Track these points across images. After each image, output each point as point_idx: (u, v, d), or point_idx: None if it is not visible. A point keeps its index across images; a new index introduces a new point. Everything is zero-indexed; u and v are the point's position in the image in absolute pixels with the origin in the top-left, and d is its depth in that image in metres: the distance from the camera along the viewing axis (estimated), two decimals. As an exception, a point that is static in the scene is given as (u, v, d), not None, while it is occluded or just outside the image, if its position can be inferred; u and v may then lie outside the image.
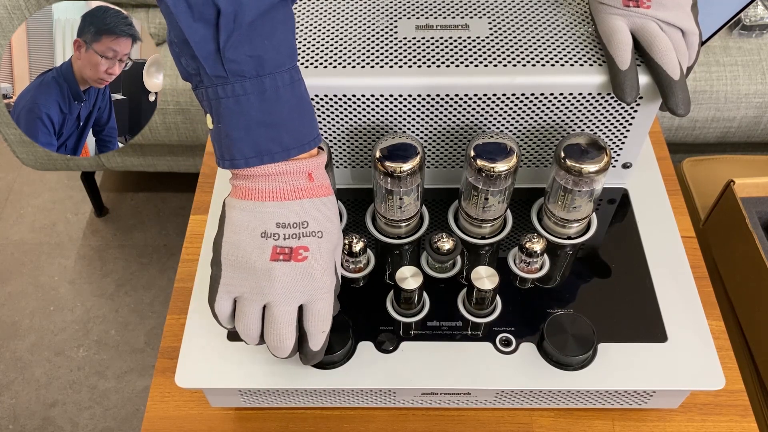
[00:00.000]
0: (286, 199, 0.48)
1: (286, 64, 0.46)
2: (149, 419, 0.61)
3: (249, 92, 0.45)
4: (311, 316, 0.49)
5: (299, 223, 0.48)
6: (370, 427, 0.60)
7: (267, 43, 0.45)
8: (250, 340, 0.50)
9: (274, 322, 0.48)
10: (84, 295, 1.53)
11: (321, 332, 0.50)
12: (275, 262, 0.47)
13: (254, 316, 0.49)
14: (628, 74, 0.54)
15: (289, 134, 0.47)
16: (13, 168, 1.77)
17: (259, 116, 0.46)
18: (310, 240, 0.48)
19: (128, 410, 1.35)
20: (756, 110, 1.27)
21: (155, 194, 1.72)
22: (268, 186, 0.47)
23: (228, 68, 0.44)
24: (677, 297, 0.59)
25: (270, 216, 0.47)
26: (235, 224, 0.48)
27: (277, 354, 0.50)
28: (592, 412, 0.61)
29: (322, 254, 0.49)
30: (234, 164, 0.47)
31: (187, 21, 0.43)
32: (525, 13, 0.61)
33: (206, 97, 0.46)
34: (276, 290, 0.48)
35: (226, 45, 0.44)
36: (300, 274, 0.48)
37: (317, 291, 0.49)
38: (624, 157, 0.65)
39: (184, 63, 0.47)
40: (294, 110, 0.47)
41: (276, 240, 0.48)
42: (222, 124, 0.46)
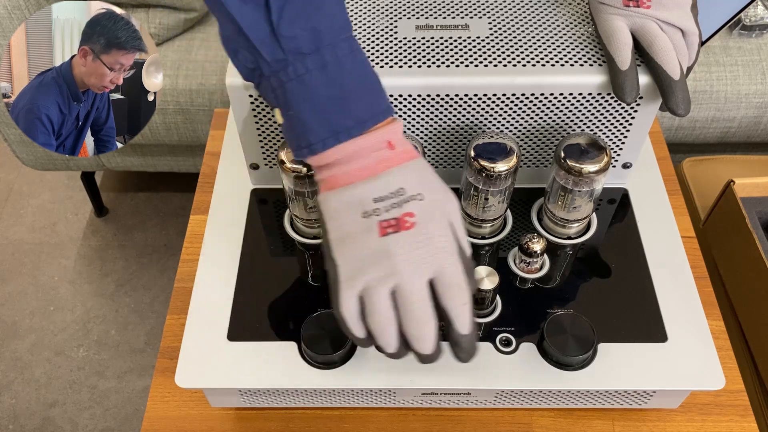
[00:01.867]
0: (374, 174, 0.45)
1: (342, 33, 0.45)
2: (149, 419, 0.61)
3: (311, 68, 0.44)
4: (445, 287, 0.45)
5: (395, 192, 0.45)
6: (370, 427, 0.60)
7: (319, 13, 0.44)
8: (388, 339, 0.45)
9: (407, 303, 0.44)
10: (84, 295, 1.53)
11: (461, 305, 0.45)
12: (386, 237, 0.44)
13: (385, 304, 0.45)
14: (628, 74, 0.54)
15: (360, 105, 0.45)
16: (13, 168, 1.77)
17: (325, 92, 0.44)
18: (412, 204, 0.45)
19: (128, 410, 1.35)
20: (756, 110, 1.27)
21: (155, 194, 1.72)
22: (352, 167, 0.46)
23: (285, 47, 0.43)
24: (677, 297, 0.59)
25: (364, 194, 0.45)
26: (334, 215, 0.46)
27: (420, 348, 0.45)
28: (592, 412, 0.61)
29: (431, 215, 0.45)
30: (312, 149, 0.45)
31: (236, 5, 0.43)
32: (525, 13, 0.61)
33: (270, 89, 0.45)
34: (398, 264, 0.44)
35: (279, 21, 0.43)
36: (416, 241, 0.44)
37: (440, 255, 0.45)
38: (624, 157, 0.65)
39: (241, 58, 0.46)
40: (360, 79, 0.45)
41: (378, 215, 0.45)
42: (292, 111, 0.45)
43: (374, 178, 0.45)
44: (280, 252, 0.63)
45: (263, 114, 0.60)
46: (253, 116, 0.60)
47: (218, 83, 1.25)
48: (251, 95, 0.58)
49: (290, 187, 0.59)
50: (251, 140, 0.63)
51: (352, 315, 0.46)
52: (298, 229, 0.64)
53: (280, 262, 0.62)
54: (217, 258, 0.62)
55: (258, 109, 0.59)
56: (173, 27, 1.25)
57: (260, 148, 0.63)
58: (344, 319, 0.46)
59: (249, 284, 0.60)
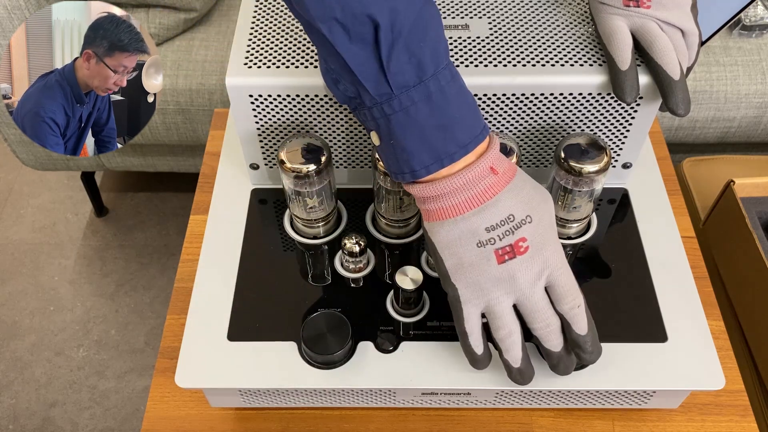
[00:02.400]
0: (483, 202, 0.47)
1: (443, 60, 0.45)
2: (149, 419, 0.61)
3: (416, 101, 0.44)
4: (560, 295, 0.48)
5: (505, 219, 0.47)
6: (370, 427, 0.60)
7: (423, 45, 0.44)
8: (516, 351, 0.49)
9: (531, 309, 0.48)
10: (84, 295, 1.53)
11: (577, 307, 0.49)
12: (504, 264, 0.47)
13: (511, 316, 0.48)
14: (628, 74, 0.54)
15: (462, 130, 0.46)
16: (13, 168, 1.77)
17: (430, 122, 0.45)
18: (523, 230, 0.47)
19: (128, 410, 1.35)
20: (756, 110, 1.27)
21: (155, 194, 1.72)
22: (461, 198, 0.47)
23: (392, 82, 0.44)
24: (677, 297, 0.59)
25: (476, 225, 0.47)
26: (449, 245, 0.48)
27: (550, 346, 0.49)
28: (592, 412, 0.61)
29: (542, 235, 0.48)
30: (415, 175, 0.47)
31: (344, 45, 0.43)
32: (525, 13, 0.61)
33: (371, 117, 0.46)
34: (520, 286, 0.47)
35: (389, 59, 0.43)
36: (532, 261, 0.47)
37: (552, 264, 0.48)
38: (624, 157, 0.65)
39: (342, 89, 0.46)
40: (461, 105, 0.46)
41: (493, 244, 0.47)
42: (394, 140, 0.46)
43: (484, 208, 0.47)
44: (280, 252, 0.63)
45: (263, 114, 0.60)
46: (253, 116, 0.60)
47: (218, 83, 1.25)
48: (251, 95, 0.58)
49: (290, 187, 0.59)
50: (251, 140, 0.63)
51: (475, 331, 0.49)
52: (298, 229, 0.64)
53: (280, 262, 0.62)
54: (217, 258, 0.62)
55: (258, 109, 0.59)
56: (173, 27, 1.25)
57: (260, 148, 0.63)
58: (467, 334, 0.49)
59: (249, 284, 0.60)
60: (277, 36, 0.59)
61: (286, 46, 0.58)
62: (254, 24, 0.60)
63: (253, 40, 0.59)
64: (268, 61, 0.57)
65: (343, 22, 0.42)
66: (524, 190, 0.48)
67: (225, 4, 1.34)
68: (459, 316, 0.49)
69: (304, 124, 0.61)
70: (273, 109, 0.59)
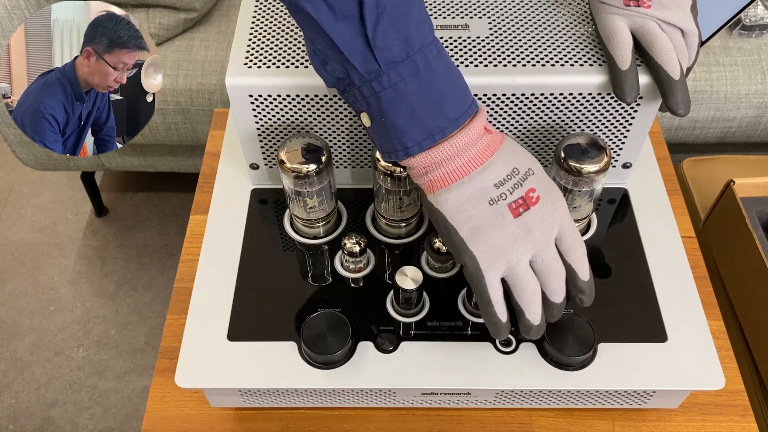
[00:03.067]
0: (485, 160, 0.47)
1: (428, 36, 0.46)
2: (149, 419, 0.61)
3: (405, 76, 0.44)
4: (568, 245, 0.49)
5: (511, 173, 0.47)
6: (370, 427, 0.60)
7: (408, 20, 0.44)
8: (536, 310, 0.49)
9: (548, 267, 0.48)
10: (84, 295, 1.53)
11: (581, 257, 0.49)
12: (520, 216, 0.47)
13: (531, 275, 0.48)
14: (628, 74, 0.54)
15: (451, 104, 0.46)
16: (13, 168, 1.77)
17: (420, 97, 0.45)
18: (530, 180, 0.48)
19: (128, 410, 1.35)
20: (756, 110, 1.27)
21: (155, 194, 1.72)
22: (463, 159, 0.47)
23: (380, 58, 0.44)
24: (677, 297, 0.59)
25: (485, 182, 0.47)
26: (459, 210, 0.47)
27: (556, 298, 0.49)
28: (592, 412, 0.61)
29: (545, 184, 0.48)
30: (408, 152, 0.47)
31: (330, 23, 0.43)
32: (525, 13, 0.61)
33: (360, 97, 0.46)
34: (536, 238, 0.47)
35: (375, 34, 0.43)
36: (545, 211, 0.47)
37: (563, 219, 0.48)
38: (624, 157, 0.65)
39: (330, 70, 0.46)
40: (448, 79, 0.46)
41: (505, 199, 0.47)
42: (385, 118, 0.46)
43: (488, 165, 0.47)
44: (280, 252, 0.63)
45: (263, 114, 0.60)
46: (253, 116, 0.60)
47: (218, 83, 1.25)
48: (251, 95, 0.58)
49: (290, 187, 0.59)
50: (251, 140, 0.63)
51: (498, 299, 0.48)
52: (298, 229, 0.64)
53: (280, 262, 0.62)
54: (217, 258, 0.62)
55: (258, 109, 0.59)
56: (173, 27, 1.25)
57: (260, 148, 0.63)
58: (492, 303, 0.48)
59: (249, 284, 0.60)
60: (277, 36, 0.59)
61: (286, 46, 0.58)
62: (254, 24, 0.60)
63: (253, 40, 0.59)
64: (268, 61, 0.57)
65: (327, 0, 0.42)
66: (517, 147, 0.49)
67: (225, 4, 1.34)
68: (481, 284, 0.48)
69: (304, 124, 0.61)
70: (273, 109, 0.59)
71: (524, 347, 0.56)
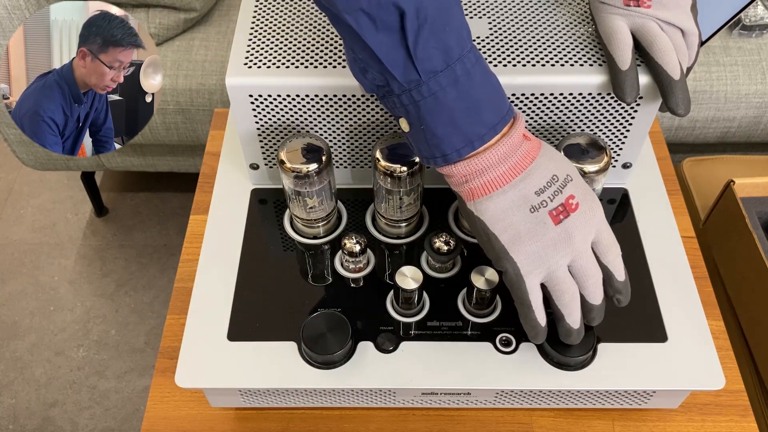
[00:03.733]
0: (525, 168, 0.47)
1: (467, 44, 0.46)
2: (149, 419, 0.61)
3: (444, 85, 0.45)
4: (604, 247, 0.50)
5: (550, 180, 0.48)
6: (370, 427, 0.60)
7: (448, 29, 0.44)
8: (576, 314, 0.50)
9: (586, 270, 0.49)
10: (84, 295, 1.53)
11: (617, 257, 0.50)
12: (561, 223, 0.48)
13: (570, 280, 0.49)
14: (628, 74, 0.54)
15: (490, 111, 0.46)
16: (13, 168, 1.77)
17: (459, 105, 0.45)
18: (569, 187, 0.48)
19: (128, 410, 1.35)
20: (756, 110, 1.27)
21: (155, 194, 1.72)
22: (504, 167, 0.47)
23: (420, 68, 0.44)
24: (677, 297, 0.59)
25: (525, 190, 0.47)
26: (500, 218, 0.48)
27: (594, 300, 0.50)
28: (592, 412, 0.61)
29: (583, 190, 0.49)
30: (447, 159, 0.47)
31: (371, 34, 0.43)
32: (525, 13, 0.61)
33: (400, 104, 0.46)
34: (576, 244, 0.48)
35: (416, 45, 0.43)
36: (584, 217, 0.48)
37: (600, 223, 0.49)
38: (624, 157, 0.65)
39: (370, 78, 0.46)
40: (487, 86, 0.47)
41: (546, 206, 0.48)
42: (424, 126, 0.46)
43: (528, 173, 0.47)
44: (280, 252, 0.63)
45: (263, 114, 0.60)
46: (253, 116, 0.60)
47: (218, 83, 1.25)
48: (251, 95, 0.58)
49: (290, 187, 0.59)
50: (251, 140, 0.63)
51: (538, 303, 0.49)
52: (298, 229, 0.64)
53: (280, 262, 0.62)
54: (217, 258, 0.62)
55: (258, 109, 0.59)
56: (173, 27, 1.25)
57: (260, 148, 0.63)
58: (533, 308, 0.49)
59: (249, 284, 0.60)
60: (277, 36, 0.59)
61: (286, 46, 0.58)
62: (254, 24, 0.60)
63: (253, 40, 0.59)
64: (268, 61, 0.57)
65: (369, 12, 0.42)
66: (555, 152, 0.50)
67: (225, 4, 1.34)
68: (522, 290, 0.49)
69: (304, 124, 0.61)
70: (273, 109, 0.59)
71: (524, 347, 0.56)
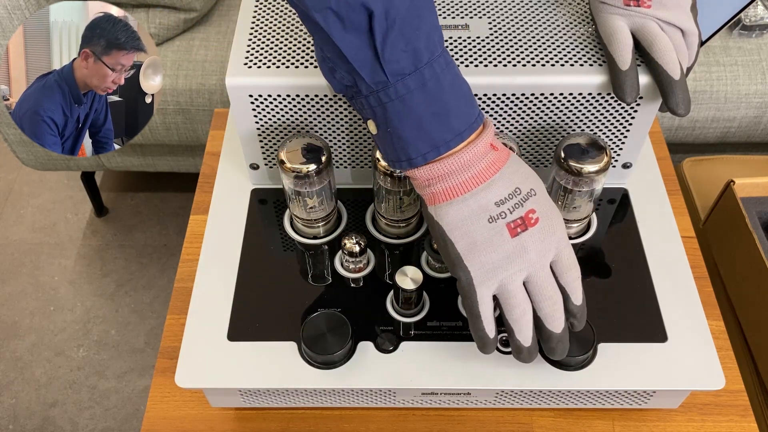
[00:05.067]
0: (489, 178, 0.47)
1: (438, 48, 0.46)
2: (149, 419, 0.61)
3: (412, 89, 0.45)
4: (563, 268, 0.49)
5: (512, 192, 0.48)
6: (370, 427, 0.60)
7: (418, 32, 0.44)
8: (527, 331, 0.49)
9: (540, 287, 0.48)
10: (84, 295, 1.53)
11: (575, 279, 0.49)
12: (518, 236, 0.47)
13: (523, 295, 0.48)
14: (628, 74, 0.54)
15: (457, 118, 0.46)
16: (13, 168, 1.77)
17: (426, 110, 0.45)
18: (530, 202, 0.48)
19: (128, 410, 1.35)
20: (756, 110, 1.27)
21: (155, 194, 1.72)
22: (467, 175, 0.47)
23: (388, 70, 0.44)
24: (677, 297, 0.59)
25: (486, 200, 0.47)
26: (458, 225, 0.48)
27: (553, 327, 0.49)
28: (592, 412, 0.61)
29: (546, 206, 0.49)
30: (412, 163, 0.47)
31: (339, 33, 0.43)
32: (525, 13, 0.61)
33: (367, 105, 0.46)
34: (532, 258, 0.47)
35: (384, 47, 0.43)
36: (542, 233, 0.48)
37: (560, 242, 0.49)
38: (624, 157, 0.65)
39: (338, 77, 0.46)
40: (456, 92, 0.46)
41: (504, 218, 0.47)
42: (391, 128, 0.46)
43: (491, 183, 0.47)
44: (280, 252, 0.63)
45: (263, 114, 0.60)
46: (253, 116, 0.60)
47: (218, 83, 1.25)
48: (251, 95, 0.58)
49: (290, 187, 0.59)
50: (251, 140, 0.63)
51: (488, 314, 0.49)
52: (297, 229, 0.64)
53: (280, 262, 0.62)
54: (217, 258, 0.62)
55: (258, 109, 0.59)
56: (173, 27, 1.25)
57: (260, 148, 0.63)
58: (481, 318, 0.48)
59: (249, 284, 0.60)
60: (277, 36, 0.59)
61: (286, 46, 0.58)
62: (254, 24, 0.60)
63: (253, 40, 0.59)
64: (268, 61, 0.57)
65: (337, 11, 0.42)
66: (522, 165, 0.49)
67: (225, 4, 1.34)
68: (472, 299, 0.48)
69: (304, 124, 0.61)
70: (273, 109, 0.59)
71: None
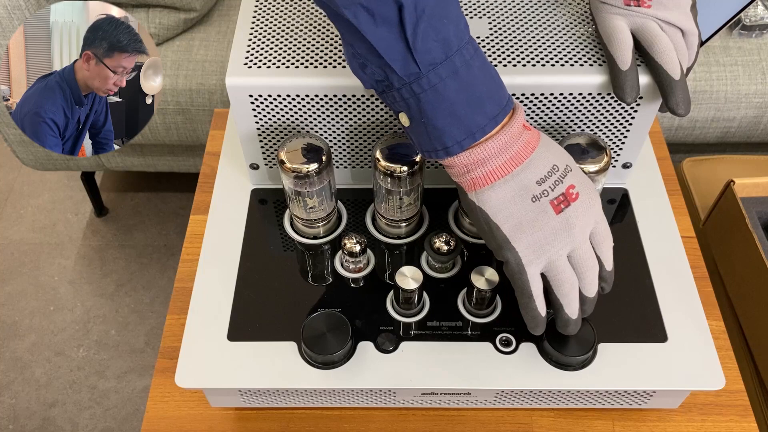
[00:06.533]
0: (526, 158, 0.48)
1: (465, 35, 0.46)
2: (149, 419, 0.61)
3: (444, 77, 0.45)
4: (600, 238, 0.50)
5: (551, 170, 0.48)
6: (370, 427, 0.60)
7: (446, 21, 0.44)
8: (574, 305, 0.50)
9: (585, 261, 0.49)
10: (84, 295, 1.53)
11: (609, 248, 0.51)
12: (562, 212, 0.48)
13: (570, 270, 0.49)
14: (628, 74, 0.54)
15: (490, 102, 0.46)
16: (13, 168, 1.77)
17: (459, 97, 0.45)
18: (569, 177, 0.49)
19: (128, 410, 1.35)
20: (756, 110, 1.27)
21: (155, 194, 1.72)
22: (505, 157, 0.47)
23: (420, 61, 0.44)
24: (677, 297, 0.59)
25: (527, 180, 0.48)
26: (502, 208, 0.48)
27: (590, 292, 0.51)
28: (592, 412, 0.61)
29: (583, 181, 0.50)
30: (448, 152, 0.47)
31: (370, 28, 0.43)
32: (525, 13, 0.61)
33: (400, 98, 0.46)
34: (576, 233, 0.48)
35: (415, 38, 0.43)
36: (584, 207, 0.49)
37: (597, 214, 0.50)
38: (624, 157, 0.65)
39: (369, 72, 0.47)
40: (486, 77, 0.47)
41: (547, 196, 0.48)
42: (425, 119, 0.46)
43: (529, 163, 0.48)
44: (280, 252, 0.63)
45: (263, 114, 0.60)
46: (253, 116, 0.60)
47: (218, 83, 1.25)
48: (251, 95, 0.58)
49: (290, 187, 0.59)
50: (251, 140, 0.63)
51: (539, 293, 0.50)
52: (298, 229, 0.64)
53: (280, 262, 0.62)
54: (217, 258, 0.62)
55: (258, 109, 0.59)
56: (173, 27, 1.25)
57: (260, 148, 0.63)
58: (534, 297, 0.50)
59: (249, 284, 0.60)
60: (277, 36, 0.59)
61: (286, 46, 0.58)
62: (254, 24, 0.60)
63: (253, 40, 0.59)
64: (268, 61, 0.57)
65: (367, 6, 0.43)
66: (552, 143, 0.50)
67: (225, 4, 1.34)
68: (523, 279, 0.49)
69: (304, 124, 0.61)
70: (273, 109, 0.59)
71: (524, 347, 0.56)
